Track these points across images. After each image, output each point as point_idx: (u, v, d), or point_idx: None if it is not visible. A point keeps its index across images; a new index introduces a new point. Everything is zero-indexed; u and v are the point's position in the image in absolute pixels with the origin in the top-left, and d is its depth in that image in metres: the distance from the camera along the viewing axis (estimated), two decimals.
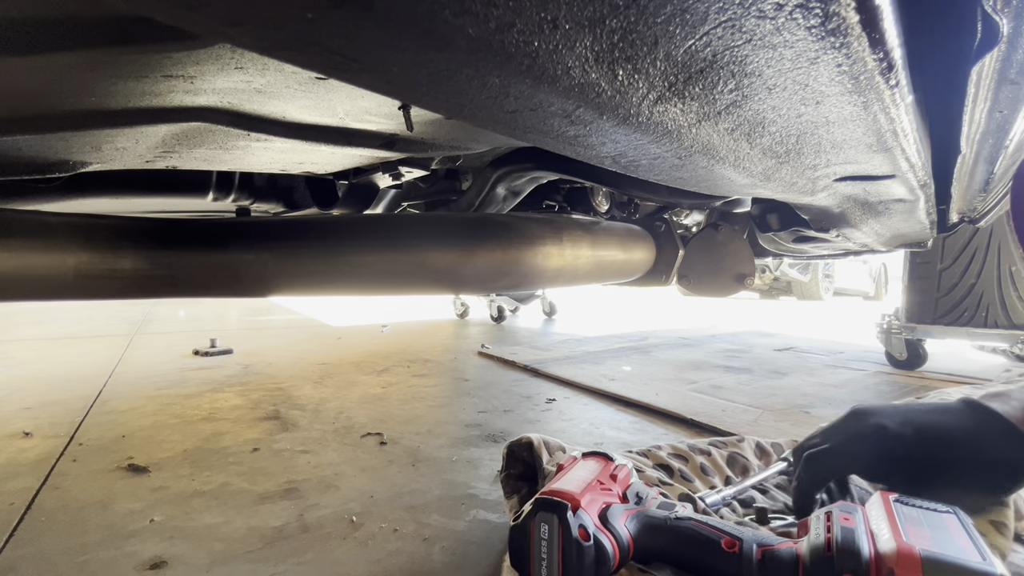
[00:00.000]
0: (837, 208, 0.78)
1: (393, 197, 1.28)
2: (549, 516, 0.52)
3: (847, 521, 0.50)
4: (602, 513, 0.55)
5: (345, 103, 0.55)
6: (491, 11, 0.21)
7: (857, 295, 6.51)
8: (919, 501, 0.54)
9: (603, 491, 0.59)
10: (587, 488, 0.57)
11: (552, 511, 0.53)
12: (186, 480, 0.93)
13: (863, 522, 0.50)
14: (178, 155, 0.71)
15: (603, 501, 0.57)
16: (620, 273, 1.00)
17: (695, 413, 1.30)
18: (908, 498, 0.55)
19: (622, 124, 0.35)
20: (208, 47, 0.37)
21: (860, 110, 0.39)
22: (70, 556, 0.69)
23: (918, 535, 0.47)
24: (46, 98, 0.45)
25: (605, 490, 0.59)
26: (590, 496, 0.56)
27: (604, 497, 0.58)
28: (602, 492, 0.58)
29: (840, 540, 0.47)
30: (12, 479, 0.92)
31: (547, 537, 0.52)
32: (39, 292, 0.62)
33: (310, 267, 0.73)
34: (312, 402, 1.43)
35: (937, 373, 1.84)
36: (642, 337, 2.68)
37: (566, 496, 0.54)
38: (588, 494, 0.56)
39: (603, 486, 0.60)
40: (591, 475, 0.61)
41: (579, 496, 0.54)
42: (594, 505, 0.55)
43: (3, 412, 1.31)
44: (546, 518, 0.53)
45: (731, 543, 0.52)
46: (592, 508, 0.55)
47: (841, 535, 0.48)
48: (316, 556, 0.69)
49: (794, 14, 0.27)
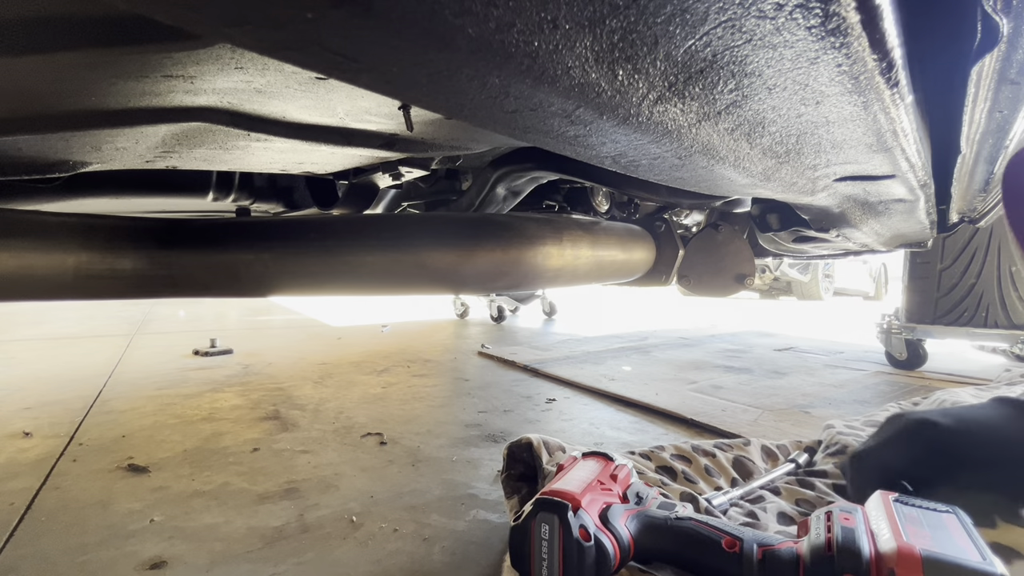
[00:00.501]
0: (837, 208, 0.78)
1: (393, 197, 1.28)
2: (550, 516, 0.53)
3: (847, 521, 0.50)
4: (603, 513, 0.55)
5: (345, 103, 0.55)
6: (491, 11, 0.21)
7: (857, 295, 6.51)
8: (919, 501, 0.54)
9: (603, 491, 0.59)
10: (587, 488, 0.57)
11: (553, 511, 0.53)
12: (186, 480, 0.92)
13: (863, 522, 0.50)
14: (178, 155, 0.71)
15: (604, 501, 0.57)
16: (620, 273, 1.00)
17: (695, 413, 1.30)
18: (908, 498, 0.55)
19: (622, 124, 0.35)
20: (208, 47, 0.37)
21: (860, 110, 0.39)
22: (70, 556, 0.69)
23: (918, 535, 0.47)
24: (47, 98, 0.45)
25: (605, 490, 0.59)
26: (591, 496, 0.56)
27: (605, 497, 0.58)
28: (603, 492, 0.58)
29: (840, 540, 0.47)
30: (12, 479, 0.92)
31: (548, 537, 0.52)
32: (39, 292, 0.62)
33: (310, 267, 0.73)
34: (312, 402, 1.43)
35: (937, 373, 1.84)
36: (642, 337, 2.68)
37: (567, 496, 0.54)
38: (589, 494, 0.56)
39: (603, 486, 0.59)
40: (591, 475, 0.60)
41: (580, 496, 0.54)
42: (595, 505, 0.55)
43: (3, 412, 1.31)
44: (547, 518, 0.53)
45: (731, 543, 0.52)
46: (593, 508, 0.55)
47: (842, 535, 0.48)
48: (316, 556, 0.69)
49: (794, 14, 0.27)
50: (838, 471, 0.85)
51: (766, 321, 3.66)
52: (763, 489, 0.80)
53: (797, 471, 0.88)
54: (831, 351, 2.32)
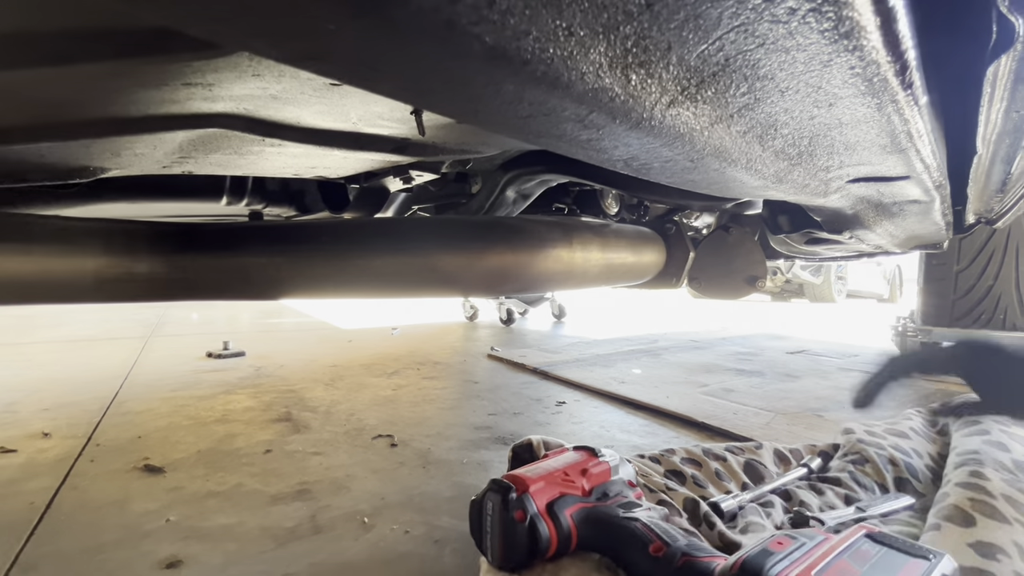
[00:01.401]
0: (850, 210, 0.77)
1: (403, 200, 1.28)
2: (495, 496, 0.58)
3: (779, 546, 0.50)
4: (552, 501, 0.59)
5: (358, 108, 0.55)
6: (507, 20, 0.21)
7: (871, 297, 6.42)
8: (902, 541, 0.52)
9: (565, 482, 0.62)
10: (545, 477, 0.61)
11: (498, 492, 0.58)
12: (200, 481, 0.94)
13: (795, 549, 0.50)
14: (194, 160, 0.72)
15: (559, 491, 0.61)
16: (630, 275, 0.99)
17: (706, 416, 1.29)
18: (890, 536, 0.53)
19: (635, 128, 0.36)
20: (227, 55, 0.38)
21: (874, 112, 0.39)
22: (88, 555, 0.70)
23: (843, 571, 0.46)
24: (71, 106, 0.47)
25: (567, 482, 0.62)
26: (544, 484, 0.60)
27: (563, 488, 0.61)
28: (563, 483, 0.62)
29: (748, 561, 0.48)
30: (32, 479, 0.94)
31: (491, 513, 0.58)
32: (59, 295, 0.63)
33: (322, 270, 0.73)
34: (323, 404, 1.44)
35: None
36: (652, 340, 2.67)
37: (516, 480, 0.59)
38: (543, 482, 0.60)
39: (567, 478, 0.63)
40: (559, 466, 0.64)
41: (531, 482, 0.59)
42: (545, 493, 0.59)
43: (23, 413, 1.34)
44: (493, 497, 0.59)
45: (659, 547, 0.54)
46: (542, 495, 0.59)
47: (753, 557, 0.48)
48: (328, 557, 0.70)
49: (807, 18, 0.27)
50: (852, 481, 0.84)
51: (778, 324, 3.62)
52: (773, 493, 0.80)
53: (810, 476, 0.87)
54: (845, 354, 2.29)
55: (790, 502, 0.79)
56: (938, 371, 0.78)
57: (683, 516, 0.70)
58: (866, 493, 0.83)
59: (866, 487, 0.84)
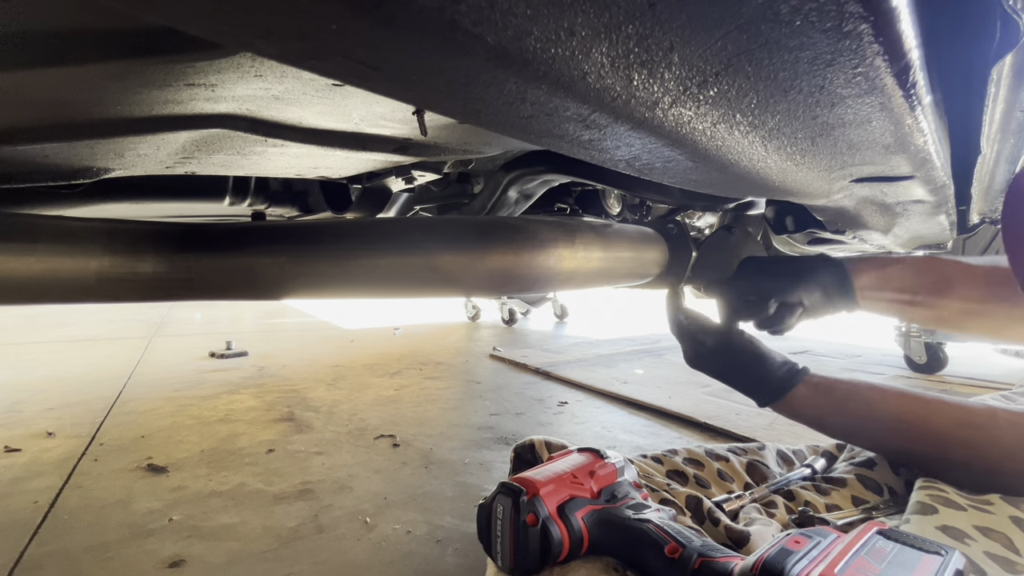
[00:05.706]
0: (854, 209, 0.77)
1: (405, 201, 1.28)
2: (506, 499, 0.57)
3: (796, 544, 0.49)
4: (563, 504, 0.58)
5: (360, 109, 0.55)
6: (510, 20, 0.21)
7: None
8: (914, 537, 0.52)
9: (573, 484, 0.61)
10: (554, 479, 0.60)
11: (508, 495, 0.57)
12: (203, 480, 0.94)
13: (812, 548, 0.49)
14: (197, 161, 0.73)
15: (569, 493, 0.60)
16: (632, 275, 0.99)
17: (709, 417, 1.28)
18: (901, 532, 0.53)
19: (637, 128, 0.36)
20: (230, 56, 0.38)
21: (877, 111, 0.39)
22: (92, 554, 0.70)
23: (864, 568, 0.46)
24: (74, 107, 0.47)
25: (576, 484, 0.62)
26: (554, 487, 0.59)
27: (572, 490, 0.60)
28: (572, 485, 0.61)
29: (768, 561, 0.47)
30: (36, 478, 0.94)
31: (502, 517, 0.57)
32: (63, 295, 0.63)
33: (325, 270, 0.73)
34: (326, 404, 1.44)
35: (958, 377, 1.80)
36: (654, 340, 2.66)
37: (526, 483, 0.58)
38: (553, 485, 0.59)
39: (575, 480, 0.62)
40: (567, 468, 0.63)
41: (541, 485, 0.58)
42: (555, 495, 0.58)
43: (27, 412, 1.34)
44: (503, 500, 0.58)
45: (675, 549, 0.53)
46: (552, 498, 0.58)
47: (774, 557, 0.47)
48: (331, 557, 0.70)
49: (810, 17, 0.27)
50: (859, 483, 0.84)
51: None
52: (776, 493, 0.80)
53: (814, 476, 0.87)
54: (848, 355, 2.29)
55: (794, 502, 0.79)
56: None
57: (687, 515, 0.70)
58: (872, 495, 0.82)
59: (872, 489, 0.83)
